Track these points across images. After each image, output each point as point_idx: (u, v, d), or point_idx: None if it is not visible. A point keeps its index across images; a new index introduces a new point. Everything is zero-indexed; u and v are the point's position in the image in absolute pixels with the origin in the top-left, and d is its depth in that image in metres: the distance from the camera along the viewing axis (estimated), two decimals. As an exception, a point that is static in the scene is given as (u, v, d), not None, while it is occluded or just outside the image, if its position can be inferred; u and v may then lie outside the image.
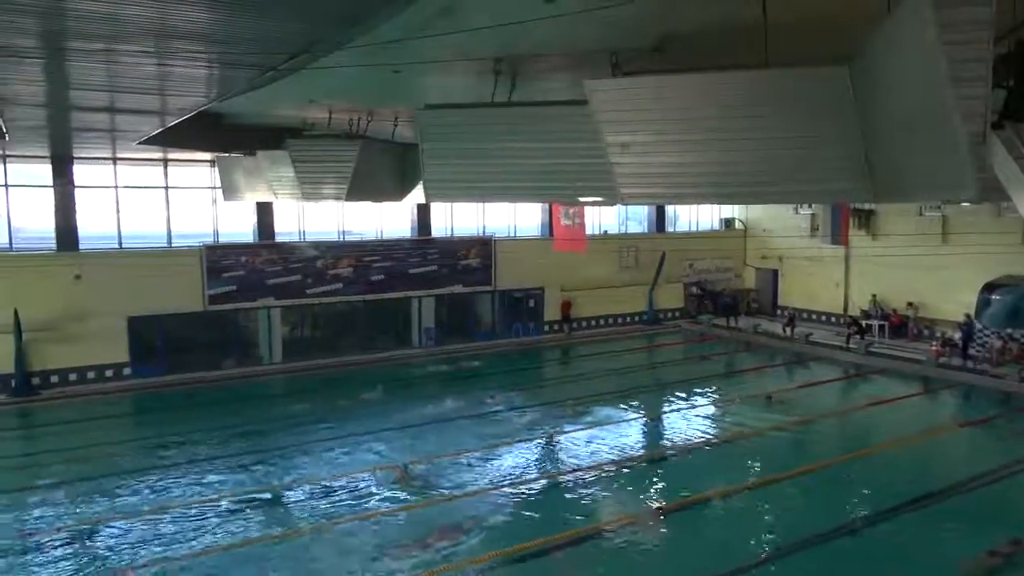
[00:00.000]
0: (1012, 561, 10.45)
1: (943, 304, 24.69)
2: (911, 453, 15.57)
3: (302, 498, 13.17)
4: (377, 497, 13.10)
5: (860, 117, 6.25)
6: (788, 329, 27.11)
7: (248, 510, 12.65)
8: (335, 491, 13.38)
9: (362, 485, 13.63)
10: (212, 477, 14.29)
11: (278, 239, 24.24)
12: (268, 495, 13.30)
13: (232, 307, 23.06)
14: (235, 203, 20.70)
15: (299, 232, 24.84)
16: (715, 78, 6.89)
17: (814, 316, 29.67)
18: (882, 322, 26.17)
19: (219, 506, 12.80)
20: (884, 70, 5.51)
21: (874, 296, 27.16)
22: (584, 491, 13.52)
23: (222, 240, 23.51)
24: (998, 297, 22.12)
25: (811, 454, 15.72)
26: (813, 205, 28.24)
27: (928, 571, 10.63)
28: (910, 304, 26.06)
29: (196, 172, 23.14)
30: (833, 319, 28.80)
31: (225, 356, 23.11)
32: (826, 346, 25.48)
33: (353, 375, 22.63)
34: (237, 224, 24.21)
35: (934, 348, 22.79)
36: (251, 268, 23.11)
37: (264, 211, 23.76)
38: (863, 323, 25.72)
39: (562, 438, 16.65)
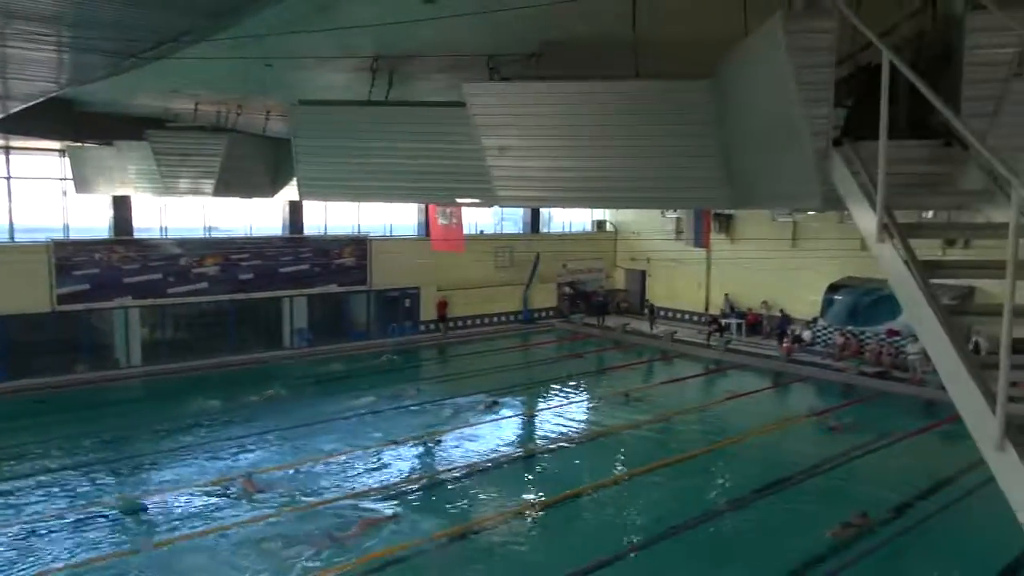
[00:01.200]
0: (862, 531, 11.71)
1: (794, 303, 26.55)
2: (765, 443, 16.68)
3: (150, 511, 12.43)
4: (223, 509, 12.49)
5: (721, 130, 6.67)
6: (651, 324, 28.57)
7: (97, 524, 11.91)
8: (182, 504, 12.72)
9: (207, 497, 12.98)
10: (58, 490, 13.31)
11: (137, 235, 22.84)
12: (117, 508, 12.51)
13: (84, 307, 21.49)
14: (89, 196, 19.32)
15: (160, 228, 23.52)
16: (588, 87, 7.14)
17: (679, 315, 31.14)
18: (740, 320, 27.86)
19: (66, 520, 11.99)
20: (741, 88, 5.92)
21: (727, 295, 28.95)
22: (455, 491, 13.62)
23: (73, 235, 21.89)
24: (840, 297, 24.07)
25: (675, 447, 16.44)
26: (678, 210, 29.63)
27: (786, 547, 11.41)
28: (765, 303, 27.87)
29: (43, 161, 21.40)
30: (696, 318, 30.34)
31: (77, 360, 21.52)
32: (689, 343, 26.83)
33: (219, 378, 21.67)
34: (91, 218, 22.59)
35: (785, 344, 24.50)
36: (106, 266, 21.64)
37: (121, 205, 22.31)
38: (722, 321, 27.28)
39: (430, 439, 16.55)
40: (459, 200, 10.68)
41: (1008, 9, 4.58)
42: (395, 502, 12.86)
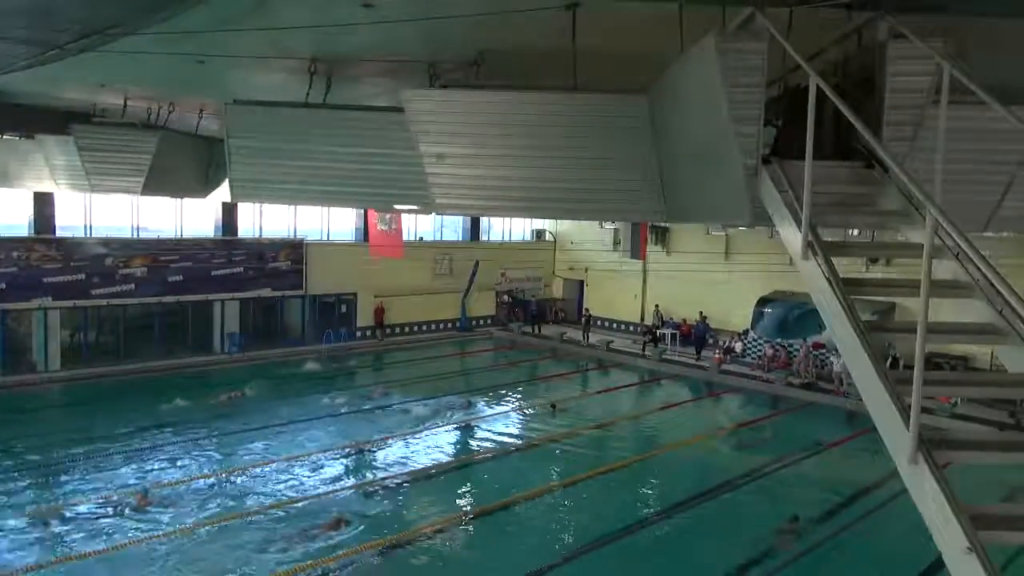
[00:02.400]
0: (797, 534, 12.26)
1: (727, 316, 27.16)
2: (698, 452, 17.03)
3: (28, 529, 11.74)
4: (111, 525, 11.81)
5: (656, 144, 6.79)
6: (585, 333, 29.00)
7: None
8: (66, 520, 12.03)
9: (94, 513, 12.26)
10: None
11: (60, 233, 21.92)
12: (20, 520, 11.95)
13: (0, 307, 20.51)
14: (7, 191, 18.45)
15: (85, 226, 22.64)
16: (527, 97, 7.18)
17: (615, 325, 31.51)
18: (674, 331, 28.34)
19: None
20: (676, 104, 6.03)
21: (657, 307, 29.46)
22: (373, 505, 13.23)
23: (-11, 232, 20.95)
24: (769, 310, 24.74)
25: (614, 455, 16.64)
26: (616, 221, 29.98)
27: (731, 548, 11.76)
28: (702, 314, 28.34)
29: (-42, 154, 20.35)
30: (632, 328, 30.72)
31: (-10, 363, 20.54)
32: (625, 353, 27.15)
33: (143, 384, 20.91)
34: (10, 214, 21.59)
35: (717, 356, 25.03)
36: (24, 264, 20.70)
37: (43, 201, 21.37)
38: (657, 332, 27.73)
39: (350, 452, 16.08)
40: (397, 207, 10.56)
41: (927, 39, 4.79)
42: (299, 519, 12.24)
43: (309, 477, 14.35)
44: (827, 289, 3.80)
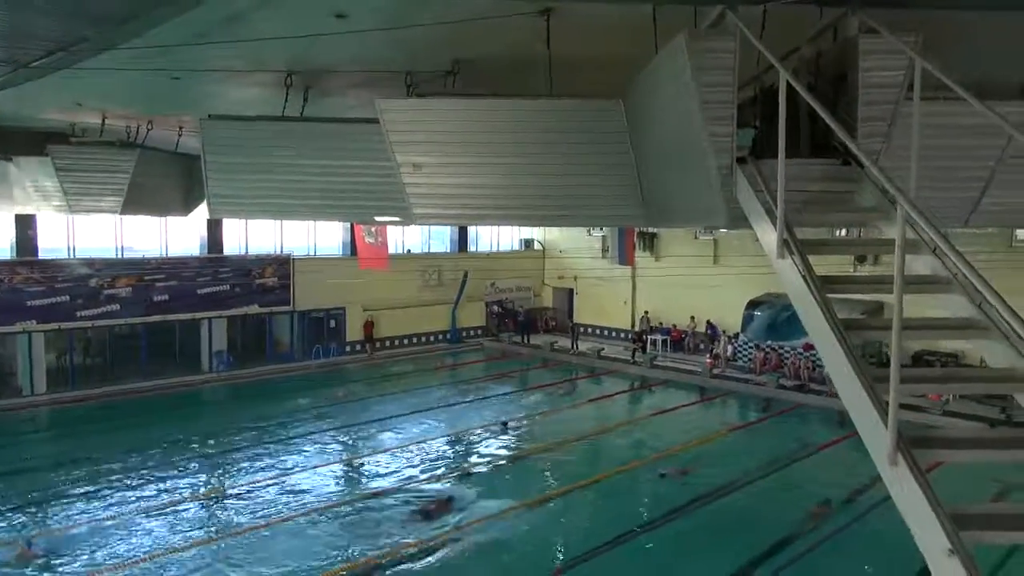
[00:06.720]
0: (825, 518, 12.93)
1: (717, 320, 27.09)
2: (702, 452, 17.05)
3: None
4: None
5: (633, 148, 6.73)
6: (573, 342, 28.99)
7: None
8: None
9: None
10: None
11: (43, 255, 21.72)
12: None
13: (-17, 332, 20.29)
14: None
15: (68, 248, 22.44)
16: (502, 104, 7.11)
17: (606, 332, 31.43)
18: (664, 336, 28.28)
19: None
20: (650, 106, 5.98)
21: (645, 313, 29.39)
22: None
23: (-29, 256, 20.75)
24: (759, 313, 24.71)
25: (636, 452, 17.05)
26: (604, 228, 29.95)
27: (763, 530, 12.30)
28: (692, 319, 28.30)
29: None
30: (623, 335, 30.63)
31: (-27, 388, 20.31)
32: (616, 360, 27.06)
33: (130, 405, 20.70)
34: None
35: (708, 360, 24.95)
36: (8, 287, 20.48)
37: (25, 224, 21.18)
38: (645, 338, 27.67)
39: (333, 469, 16.15)
40: (378, 218, 10.48)
41: (899, 33, 4.75)
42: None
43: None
44: (803, 287, 3.74)
